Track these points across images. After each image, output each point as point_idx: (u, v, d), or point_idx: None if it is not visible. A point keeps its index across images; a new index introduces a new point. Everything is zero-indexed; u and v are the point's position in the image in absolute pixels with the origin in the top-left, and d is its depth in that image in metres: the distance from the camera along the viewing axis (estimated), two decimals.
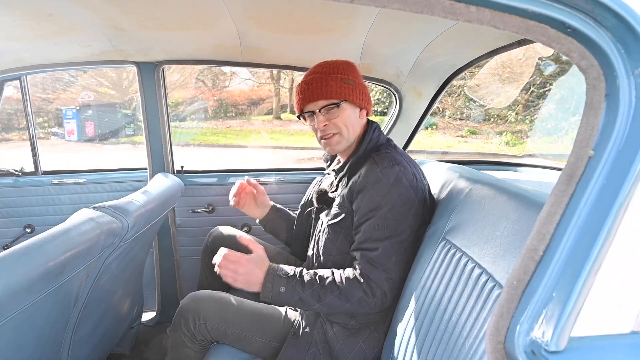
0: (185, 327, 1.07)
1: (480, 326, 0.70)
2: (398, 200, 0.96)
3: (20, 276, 0.65)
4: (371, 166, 0.99)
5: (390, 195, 0.95)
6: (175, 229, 1.77)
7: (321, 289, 0.97)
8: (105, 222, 0.90)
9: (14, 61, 1.54)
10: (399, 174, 0.97)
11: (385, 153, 1.03)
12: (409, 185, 0.98)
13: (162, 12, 1.17)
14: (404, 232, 0.97)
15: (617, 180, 0.42)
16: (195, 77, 13.20)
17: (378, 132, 1.12)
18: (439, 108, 10.31)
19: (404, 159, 1.03)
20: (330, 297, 0.96)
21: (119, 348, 1.53)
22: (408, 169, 1.00)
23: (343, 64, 1.10)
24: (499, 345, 0.48)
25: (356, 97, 1.07)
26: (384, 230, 0.96)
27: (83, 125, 11.25)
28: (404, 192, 0.96)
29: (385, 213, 0.95)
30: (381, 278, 0.95)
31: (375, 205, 0.96)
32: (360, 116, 1.11)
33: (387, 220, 0.96)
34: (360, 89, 1.09)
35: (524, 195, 0.78)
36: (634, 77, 0.41)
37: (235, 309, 1.08)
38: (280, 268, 1.00)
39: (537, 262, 0.46)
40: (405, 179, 0.97)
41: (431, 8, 0.42)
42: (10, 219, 1.78)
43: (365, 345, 1.02)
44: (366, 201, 0.97)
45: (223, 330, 1.06)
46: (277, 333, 1.09)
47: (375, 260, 0.95)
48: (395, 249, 0.96)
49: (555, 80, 8.37)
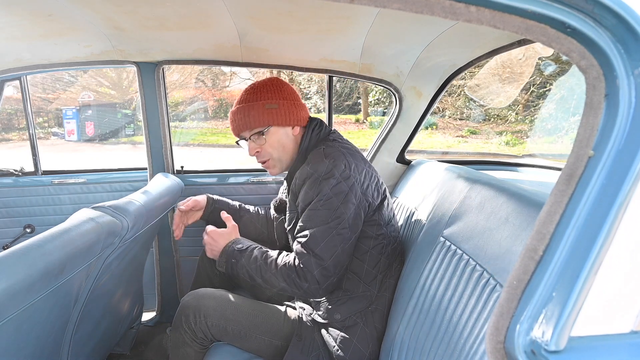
0: (186, 324, 1.08)
1: (480, 326, 0.70)
2: (328, 191, 1.00)
3: (20, 276, 0.65)
4: (304, 165, 1.06)
5: (320, 187, 1.00)
6: None
7: (264, 265, 1.03)
8: (105, 222, 0.90)
9: (14, 61, 1.54)
10: (328, 167, 1.01)
11: (318, 150, 1.08)
12: (340, 177, 1.01)
13: (162, 12, 1.17)
14: (334, 221, 0.99)
15: (617, 180, 0.42)
16: (195, 77, 13.21)
17: (317, 131, 1.16)
18: (439, 108, 10.32)
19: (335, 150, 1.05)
20: (269, 274, 1.02)
21: (119, 348, 1.53)
22: (339, 162, 1.02)
23: (266, 85, 1.14)
24: (499, 345, 0.48)
25: (282, 119, 1.12)
26: (315, 219, 1.00)
27: (83, 125, 11.26)
28: (334, 183, 1.00)
29: (315, 204, 1.01)
30: (311, 263, 0.99)
31: (310, 199, 1.02)
32: (294, 132, 1.16)
33: (317, 210, 1.00)
34: (286, 108, 1.12)
35: (524, 195, 0.78)
36: (633, 77, 0.41)
37: (235, 307, 1.10)
38: (238, 241, 1.10)
39: (537, 262, 0.46)
40: (336, 171, 1.01)
41: (431, 8, 0.42)
42: (10, 219, 1.78)
43: (359, 342, 1.03)
44: (302, 197, 1.04)
45: (223, 327, 1.08)
46: (277, 331, 1.09)
47: (305, 246, 1.00)
48: (324, 236, 0.99)
49: (555, 80, 8.37)
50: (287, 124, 1.13)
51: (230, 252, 1.08)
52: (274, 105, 1.10)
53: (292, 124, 1.14)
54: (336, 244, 0.99)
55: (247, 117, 1.11)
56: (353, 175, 1.02)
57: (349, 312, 1.05)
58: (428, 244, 1.00)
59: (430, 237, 1.01)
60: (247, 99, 1.13)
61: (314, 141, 1.14)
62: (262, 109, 1.10)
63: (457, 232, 0.91)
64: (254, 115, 1.10)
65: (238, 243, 1.10)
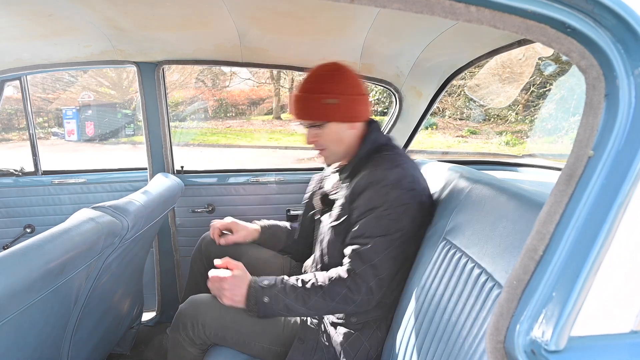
0: (184, 332, 1.06)
1: (480, 326, 0.70)
2: (395, 201, 0.97)
3: (20, 276, 0.65)
4: (373, 168, 1.01)
5: (388, 196, 0.97)
6: (175, 229, 1.77)
7: (305, 291, 0.97)
8: (105, 222, 0.90)
9: (14, 61, 1.54)
10: (398, 176, 0.98)
11: (385, 155, 1.04)
12: (407, 188, 0.99)
13: (162, 12, 1.17)
14: (397, 232, 0.98)
15: (617, 180, 0.42)
16: (195, 77, 13.20)
17: (377, 133, 1.12)
18: (439, 108, 10.32)
19: (404, 160, 1.04)
20: (314, 299, 0.96)
21: (119, 348, 1.53)
22: (407, 171, 1.01)
23: (328, 77, 1.05)
24: (499, 344, 0.48)
25: (341, 115, 1.05)
26: (377, 228, 0.97)
27: (83, 125, 11.26)
28: (401, 194, 0.98)
29: (381, 212, 0.97)
30: (368, 273, 0.96)
31: (373, 204, 0.98)
32: (353, 127, 1.09)
33: (382, 219, 0.97)
34: (347, 104, 1.05)
35: (524, 195, 0.78)
36: (633, 77, 0.41)
37: (234, 315, 1.06)
38: (261, 279, 1.01)
39: (537, 262, 0.46)
40: (405, 181, 0.99)
41: (431, 8, 0.42)
42: (10, 219, 1.78)
43: (369, 344, 1.03)
44: (365, 200, 0.99)
45: (222, 335, 1.05)
46: (278, 337, 1.07)
47: (364, 255, 0.97)
48: (386, 246, 0.97)
49: (555, 80, 8.37)
50: (346, 120, 1.07)
51: (260, 293, 0.98)
52: (334, 101, 1.03)
53: (352, 121, 1.08)
54: (394, 256, 0.98)
55: (305, 109, 1.06)
56: (417, 189, 1.01)
57: (367, 317, 1.04)
58: (430, 245, 1.00)
59: (433, 237, 1.01)
60: (308, 89, 1.06)
61: (374, 144, 1.10)
62: (320, 104, 1.04)
63: (457, 232, 0.91)
64: (312, 108, 1.05)
65: (260, 281, 1.00)
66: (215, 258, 1.13)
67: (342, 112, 1.05)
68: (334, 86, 1.04)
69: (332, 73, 1.06)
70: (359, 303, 0.97)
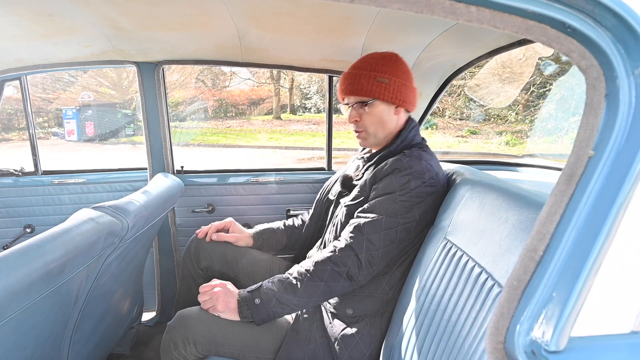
0: (176, 351, 1.01)
1: (480, 325, 0.70)
2: (413, 191, 1.00)
3: (20, 276, 0.65)
4: (401, 156, 1.05)
5: (408, 184, 1.00)
6: (175, 229, 1.77)
7: (293, 280, 0.99)
8: (105, 222, 0.90)
9: (14, 61, 1.54)
10: (423, 169, 1.01)
11: (416, 150, 1.08)
12: (429, 182, 1.02)
13: (162, 12, 1.17)
14: (403, 219, 0.99)
15: (617, 180, 0.42)
16: (195, 77, 13.21)
17: (414, 132, 1.16)
18: (439, 108, 10.33)
19: (432, 158, 1.07)
20: (304, 285, 0.98)
21: (119, 348, 1.53)
22: (433, 168, 1.04)
23: (382, 60, 1.11)
24: (499, 345, 0.48)
25: (389, 96, 1.09)
26: (386, 208, 1.00)
27: (83, 125, 11.27)
28: (421, 185, 1.01)
29: (396, 196, 1.00)
30: (361, 245, 0.97)
31: (391, 188, 1.01)
32: (396, 113, 1.13)
33: (394, 203, 1.00)
34: (397, 87, 1.09)
35: (525, 195, 0.78)
36: (634, 77, 0.41)
37: (225, 329, 1.02)
38: (247, 288, 1.03)
39: (537, 262, 0.46)
40: (427, 175, 1.02)
41: (431, 8, 0.42)
42: (10, 219, 1.78)
43: (362, 341, 1.02)
44: (385, 184, 1.03)
45: (215, 351, 1.02)
46: (271, 346, 1.05)
47: (363, 227, 0.99)
48: (387, 226, 0.99)
49: (555, 80, 8.37)
50: (393, 101, 1.10)
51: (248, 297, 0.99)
52: (385, 80, 1.08)
53: (398, 104, 1.11)
54: (393, 239, 0.99)
55: (355, 84, 1.09)
56: (437, 187, 1.04)
57: (362, 310, 1.04)
58: (432, 244, 1.00)
59: (434, 236, 1.01)
60: (361, 67, 1.11)
61: (408, 141, 1.13)
62: (373, 80, 1.08)
63: (457, 232, 0.91)
64: (363, 84, 1.08)
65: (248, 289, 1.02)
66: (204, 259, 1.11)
67: (391, 92, 1.09)
68: (387, 67, 1.09)
69: (388, 57, 1.12)
70: (347, 276, 0.98)
